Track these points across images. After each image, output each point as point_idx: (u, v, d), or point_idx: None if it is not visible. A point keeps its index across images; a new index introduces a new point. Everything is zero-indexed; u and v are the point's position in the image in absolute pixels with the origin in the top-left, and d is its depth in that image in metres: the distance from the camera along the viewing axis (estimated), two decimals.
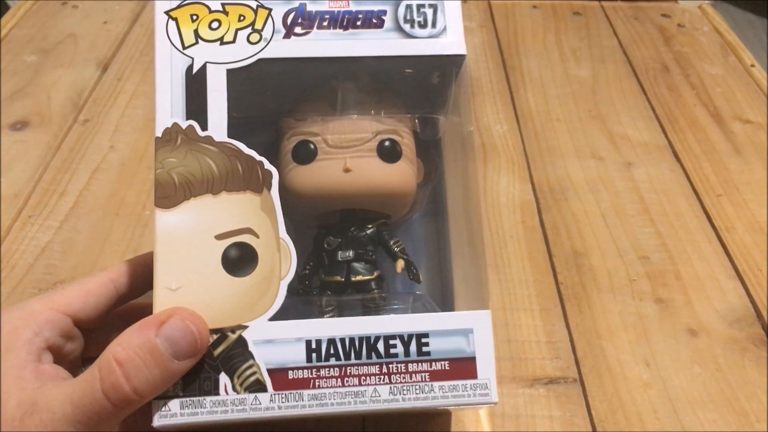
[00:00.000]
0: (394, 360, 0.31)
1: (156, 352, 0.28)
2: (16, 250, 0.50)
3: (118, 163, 0.59)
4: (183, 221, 0.31)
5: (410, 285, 0.37)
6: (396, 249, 0.37)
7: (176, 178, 0.31)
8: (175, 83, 0.33)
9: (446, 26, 0.35)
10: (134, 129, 0.62)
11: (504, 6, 0.85)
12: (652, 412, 0.41)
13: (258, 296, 0.31)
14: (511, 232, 0.54)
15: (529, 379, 0.43)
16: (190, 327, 0.29)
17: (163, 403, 0.29)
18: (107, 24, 0.77)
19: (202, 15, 0.34)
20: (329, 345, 0.31)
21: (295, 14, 0.35)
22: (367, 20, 0.35)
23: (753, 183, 0.59)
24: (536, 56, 0.76)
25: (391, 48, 0.35)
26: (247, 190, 0.32)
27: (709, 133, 0.65)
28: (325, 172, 0.35)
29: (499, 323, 0.47)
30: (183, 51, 0.33)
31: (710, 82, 0.73)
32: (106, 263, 0.49)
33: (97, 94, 0.67)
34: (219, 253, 0.31)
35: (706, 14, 0.86)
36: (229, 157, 0.32)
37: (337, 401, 0.30)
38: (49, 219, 0.53)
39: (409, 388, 0.31)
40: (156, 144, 0.32)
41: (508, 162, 0.61)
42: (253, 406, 0.30)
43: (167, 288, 0.30)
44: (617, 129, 0.65)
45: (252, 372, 0.30)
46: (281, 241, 0.32)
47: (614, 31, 0.81)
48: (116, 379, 0.27)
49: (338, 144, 0.35)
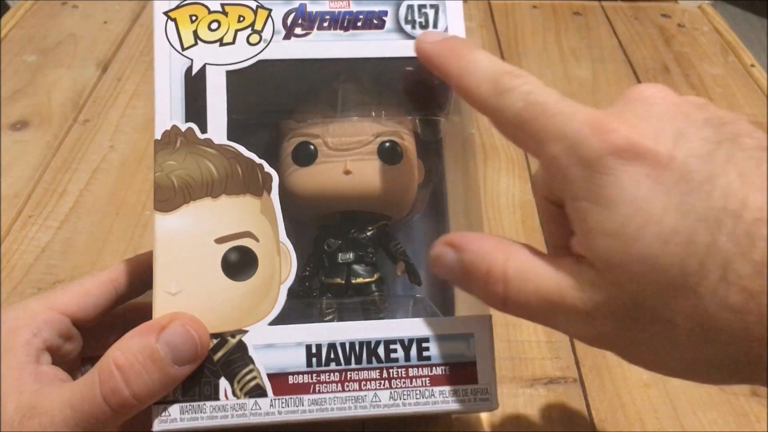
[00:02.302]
0: (395, 365, 0.31)
1: (156, 358, 0.28)
2: (16, 250, 0.50)
3: (118, 163, 0.59)
4: (182, 225, 0.31)
5: (411, 287, 0.37)
6: (396, 251, 0.37)
7: (176, 181, 0.31)
8: (174, 85, 0.33)
9: (447, 27, 0.35)
10: (134, 129, 0.62)
11: (504, 6, 0.85)
12: (652, 412, 0.41)
13: (258, 300, 0.31)
14: (511, 232, 0.54)
15: (529, 379, 0.43)
16: (190, 332, 0.29)
17: (162, 408, 0.29)
18: (107, 24, 0.77)
19: (202, 16, 0.34)
20: (329, 350, 0.31)
21: (295, 15, 0.34)
22: (368, 21, 0.35)
23: None
24: (536, 56, 0.75)
25: (392, 49, 0.35)
26: (246, 194, 0.32)
27: None
28: (326, 174, 0.35)
29: (499, 323, 0.46)
30: (182, 52, 0.33)
31: (710, 82, 0.73)
32: (106, 263, 0.49)
33: (97, 94, 0.66)
34: (219, 256, 0.31)
35: (706, 14, 0.85)
36: (229, 160, 0.32)
37: (338, 406, 0.30)
38: (49, 219, 0.53)
39: (410, 393, 0.31)
40: (155, 146, 0.32)
41: (508, 162, 0.61)
42: (253, 411, 0.30)
43: (167, 292, 0.30)
44: None
45: (252, 377, 0.30)
46: (281, 244, 0.32)
47: (614, 31, 0.81)
48: (116, 384, 0.27)
49: (338, 146, 0.35)
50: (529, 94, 0.27)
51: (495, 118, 0.28)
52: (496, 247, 0.27)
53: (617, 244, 0.24)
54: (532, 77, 0.27)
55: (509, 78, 0.27)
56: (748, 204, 0.22)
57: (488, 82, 0.28)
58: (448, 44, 0.31)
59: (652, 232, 0.23)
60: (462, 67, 0.29)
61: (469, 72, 0.29)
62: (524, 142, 0.27)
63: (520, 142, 0.27)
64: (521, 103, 0.26)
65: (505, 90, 0.27)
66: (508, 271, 0.26)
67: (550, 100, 0.26)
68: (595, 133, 0.24)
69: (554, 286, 0.25)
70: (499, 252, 0.27)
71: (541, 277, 0.26)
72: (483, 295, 0.27)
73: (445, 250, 0.28)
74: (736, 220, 0.22)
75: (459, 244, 0.28)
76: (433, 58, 0.30)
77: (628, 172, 0.24)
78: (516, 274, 0.26)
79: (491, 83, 0.28)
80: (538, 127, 0.26)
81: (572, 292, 0.25)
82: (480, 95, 0.28)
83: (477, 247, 0.28)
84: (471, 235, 0.29)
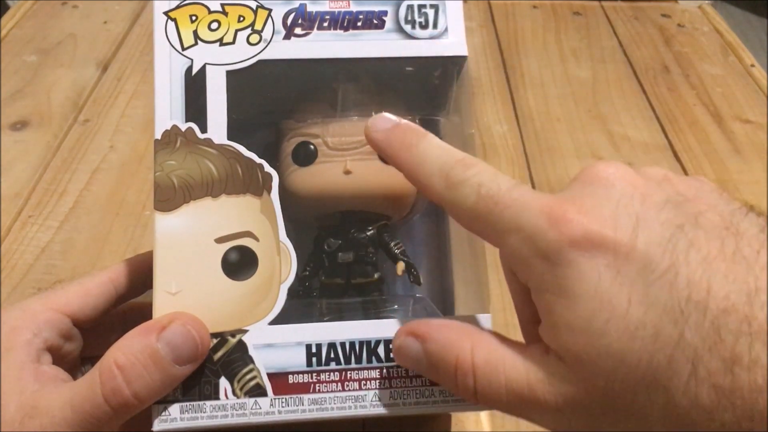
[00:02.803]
0: (395, 364, 0.31)
1: (157, 357, 0.28)
2: (16, 250, 0.50)
3: (118, 163, 0.59)
4: (182, 224, 0.31)
5: (411, 287, 0.37)
6: (396, 251, 0.37)
7: (176, 181, 0.31)
8: (174, 85, 0.33)
9: (447, 27, 0.35)
10: (134, 129, 0.62)
11: (504, 6, 0.85)
12: None
13: (258, 300, 0.31)
14: None
15: None
16: (191, 332, 0.29)
17: (163, 408, 0.29)
18: (107, 24, 0.77)
19: (202, 16, 0.34)
20: (329, 349, 0.31)
21: (295, 15, 0.34)
22: (368, 21, 0.35)
23: (753, 183, 0.59)
24: (536, 56, 0.75)
25: (391, 49, 0.35)
26: (247, 193, 0.32)
27: (709, 133, 0.65)
28: (326, 174, 0.35)
29: (499, 324, 0.46)
30: (182, 52, 0.33)
31: (710, 82, 0.73)
32: (106, 263, 0.49)
33: (97, 94, 0.67)
34: (219, 256, 0.31)
35: (706, 14, 0.85)
36: (229, 160, 0.32)
37: (338, 405, 0.30)
38: (49, 219, 0.53)
39: (410, 393, 0.31)
40: (155, 146, 0.32)
41: (508, 162, 0.61)
42: (253, 411, 0.30)
43: (167, 292, 0.30)
44: (617, 129, 0.65)
45: (252, 376, 0.30)
46: (281, 244, 0.32)
47: (614, 31, 0.81)
48: (117, 384, 0.27)
49: (339, 146, 0.35)
50: (481, 186, 0.26)
51: (450, 211, 0.28)
52: (462, 336, 0.27)
53: (584, 339, 0.23)
54: (482, 165, 0.27)
55: (460, 169, 0.27)
56: (712, 293, 0.21)
57: (439, 175, 0.27)
58: (396, 134, 0.29)
59: (618, 326, 0.22)
60: (412, 160, 0.28)
61: (420, 164, 0.28)
62: (482, 233, 0.27)
63: (479, 233, 0.27)
64: (474, 196, 0.26)
65: (457, 183, 0.27)
66: (477, 362, 0.26)
67: (503, 190, 0.26)
68: (552, 224, 0.24)
69: (524, 378, 0.25)
70: (466, 341, 0.26)
71: (509, 369, 0.25)
72: (452, 387, 0.27)
73: (409, 341, 0.28)
74: (701, 311, 0.21)
75: (422, 333, 0.28)
76: (384, 149, 0.30)
77: (589, 263, 0.23)
78: (485, 365, 0.26)
79: (442, 176, 0.27)
80: (494, 220, 0.25)
81: (542, 386, 0.24)
82: (432, 189, 0.28)
83: (442, 336, 0.27)
84: (434, 323, 0.28)
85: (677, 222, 0.23)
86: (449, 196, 0.27)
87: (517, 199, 0.25)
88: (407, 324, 0.29)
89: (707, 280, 0.22)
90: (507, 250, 0.26)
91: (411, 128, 0.29)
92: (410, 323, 0.28)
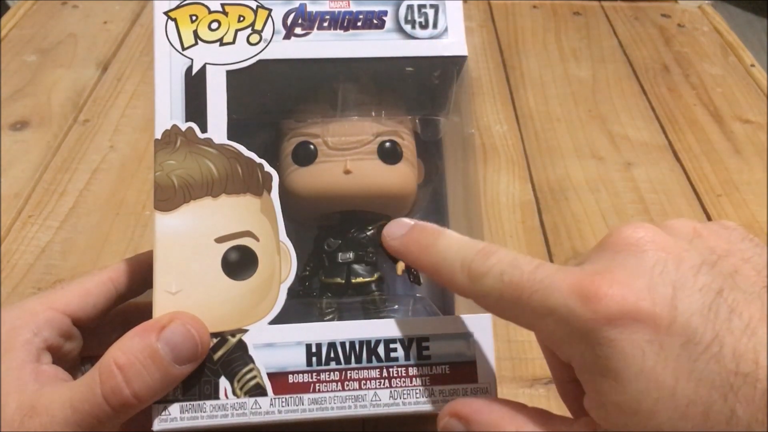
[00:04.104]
0: (395, 364, 0.31)
1: (157, 357, 0.28)
2: (16, 250, 0.50)
3: (118, 163, 0.59)
4: (182, 224, 0.31)
5: (411, 287, 0.37)
6: None
7: (176, 180, 0.31)
8: (174, 85, 0.33)
9: (447, 27, 0.35)
10: (134, 129, 0.62)
11: (504, 6, 0.85)
12: None
13: (258, 300, 0.31)
14: (511, 232, 0.54)
15: (529, 379, 0.43)
16: (191, 332, 0.29)
17: (163, 408, 0.29)
18: (107, 24, 0.77)
19: (202, 15, 0.34)
20: (329, 349, 0.31)
21: (295, 15, 0.34)
22: (368, 21, 0.35)
23: (753, 183, 0.59)
24: (536, 56, 0.75)
25: (391, 49, 0.35)
26: (246, 193, 0.32)
27: (709, 133, 0.65)
28: (326, 174, 0.35)
29: (499, 323, 0.46)
30: (182, 52, 0.33)
31: (710, 82, 0.73)
32: (106, 263, 0.49)
33: (97, 94, 0.67)
34: (219, 256, 0.31)
35: (706, 14, 0.86)
36: (229, 160, 0.32)
37: (338, 405, 0.30)
38: (49, 219, 0.53)
39: (410, 392, 0.31)
40: (155, 146, 0.32)
41: (508, 162, 0.61)
42: (253, 411, 0.30)
43: (167, 291, 0.30)
44: (617, 129, 0.65)
45: (252, 376, 0.30)
46: (281, 244, 0.32)
47: (614, 31, 0.81)
48: (117, 384, 0.27)
49: (338, 146, 0.35)
50: (503, 274, 0.25)
51: (480, 303, 0.27)
52: (505, 419, 0.26)
53: (635, 420, 0.22)
54: (502, 252, 0.26)
55: (480, 261, 0.26)
56: (759, 363, 0.21)
57: (461, 270, 0.27)
58: (413, 237, 0.29)
59: (668, 406, 0.22)
60: (432, 260, 0.28)
61: (441, 263, 0.28)
62: (515, 320, 0.26)
63: (512, 319, 0.26)
64: (499, 285, 0.26)
65: (480, 275, 0.26)
66: None
67: (526, 275, 0.25)
68: (584, 302, 0.23)
69: None
70: (510, 423, 0.26)
71: None
72: None
73: (453, 423, 0.27)
74: (751, 385, 0.21)
75: (466, 415, 0.27)
76: (404, 255, 0.30)
77: (630, 341, 0.22)
78: None
79: (464, 271, 0.27)
80: (523, 307, 0.25)
81: None
82: (458, 285, 0.27)
83: (486, 419, 0.26)
84: (477, 404, 0.27)
85: (715, 287, 0.23)
86: (475, 289, 0.27)
87: (542, 280, 0.24)
88: (451, 404, 0.28)
89: (753, 349, 0.21)
90: (542, 334, 0.25)
91: (426, 229, 0.29)
92: (454, 403, 0.28)
